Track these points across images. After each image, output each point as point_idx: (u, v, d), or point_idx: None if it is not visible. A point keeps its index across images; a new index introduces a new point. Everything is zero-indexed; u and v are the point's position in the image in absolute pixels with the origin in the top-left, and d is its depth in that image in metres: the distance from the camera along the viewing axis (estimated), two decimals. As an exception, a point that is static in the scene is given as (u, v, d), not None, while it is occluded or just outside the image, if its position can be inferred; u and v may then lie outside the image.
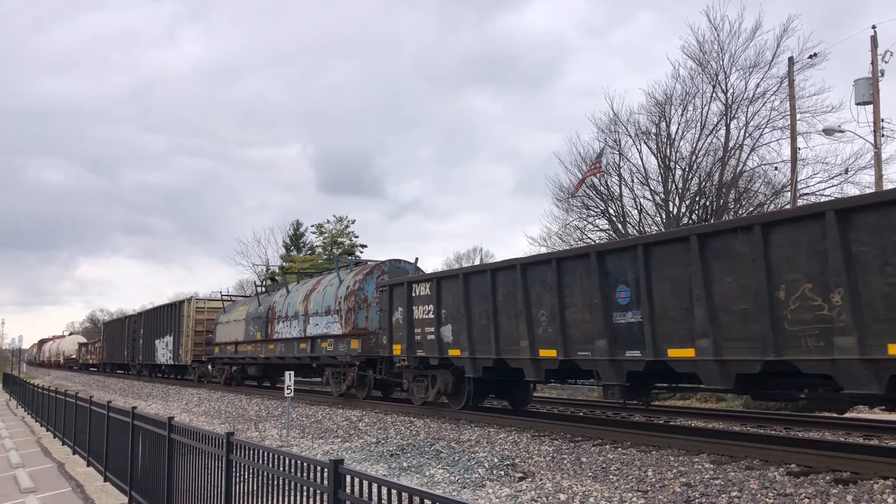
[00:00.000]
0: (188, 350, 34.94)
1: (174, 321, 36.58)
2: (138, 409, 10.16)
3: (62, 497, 10.47)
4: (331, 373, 22.31)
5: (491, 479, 9.58)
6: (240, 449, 6.17)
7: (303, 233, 61.74)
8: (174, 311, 37.00)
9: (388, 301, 17.85)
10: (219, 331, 32.33)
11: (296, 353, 24.20)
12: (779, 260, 9.17)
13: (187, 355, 34.94)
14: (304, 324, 23.68)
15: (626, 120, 32.77)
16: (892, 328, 8.01)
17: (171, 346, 36.91)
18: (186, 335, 35.12)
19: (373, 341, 19.75)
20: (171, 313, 37.40)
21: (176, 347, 36.18)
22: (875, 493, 7.77)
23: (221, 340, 31.59)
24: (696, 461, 9.91)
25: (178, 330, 35.87)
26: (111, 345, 55.09)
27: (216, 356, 32.34)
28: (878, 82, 24.05)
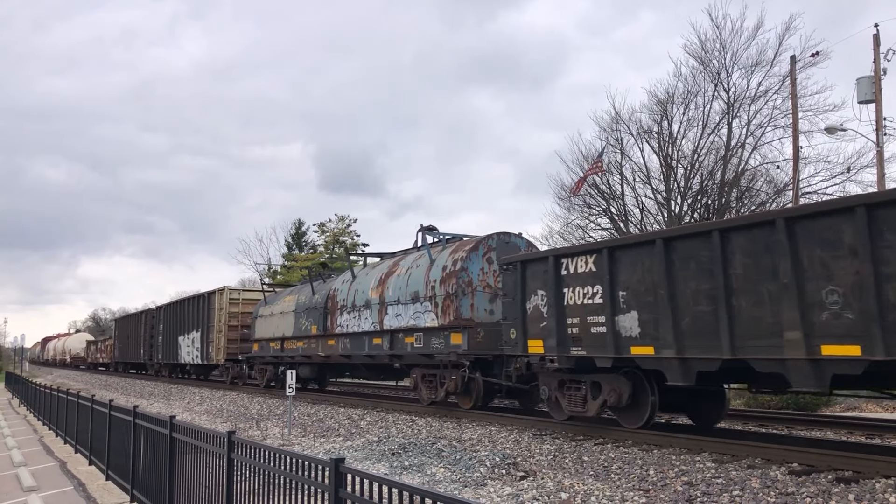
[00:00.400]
0: (220, 348, 30.32)
1: (202, 315, 32.28)
2: (140, 408, 10.17)
3: (64, 495, 10.49)
4: (420, 375, 18.04)
5: (492, 477, 9.58)
6: (241, 448, 6.17)
7: (305, 231, 61.78)
8: (202, 303, 32.51)
9: (519, 283, 13.63)
10: (258, 325, 27.56)
11: (367, 351, 19.88)
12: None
13: (219, 354, 30.34)
14: (380, 314, 19.22)
15: (628, 118, 32.76)
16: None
17: (199, 343, 32.63)
18: (218, 331, 30.53)
19: (480, 335, 15.97)
20: (199, 306, 32.93)
21: (204, 345, 31.84)
22: (877, 491, 7.76)
23: (262, 336, 26.97)
24: (698, 460, 9.90)
25: (206, 325, 31.58)
26: (124, 342, 50.91)
27: (255, 354, 27.81)
28: (880, 81, 24.01)
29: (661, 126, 31.98)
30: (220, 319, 30.58)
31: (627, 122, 32.70)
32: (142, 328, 44.37)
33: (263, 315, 27.37)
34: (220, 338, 30.49)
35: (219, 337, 30.52)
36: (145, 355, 43.43)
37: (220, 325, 30.52)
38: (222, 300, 30.77)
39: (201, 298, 32.96)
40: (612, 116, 33.20)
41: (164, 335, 39.02)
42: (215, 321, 30.62)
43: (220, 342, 30.46)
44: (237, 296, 31.49)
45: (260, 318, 27.67)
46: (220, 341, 30.47)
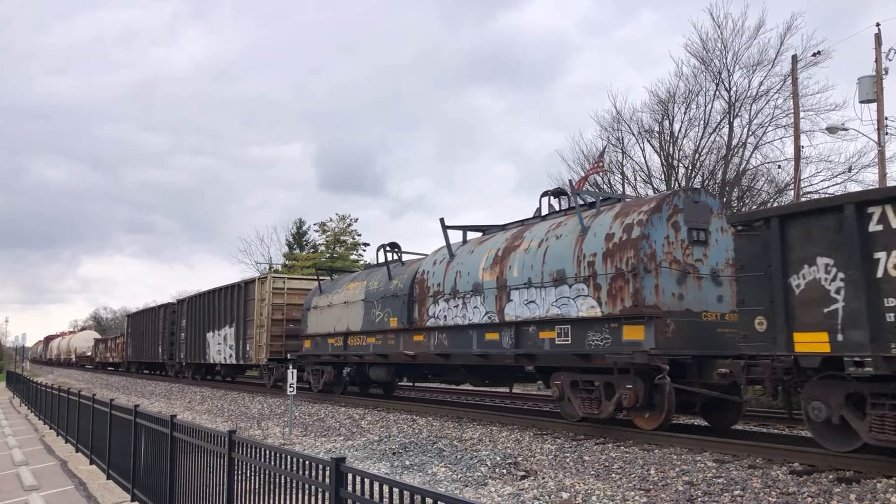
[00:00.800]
0: (262, 345, 25.75)
1: (237, 307, 28.04)
2: (141, 407, 10.17)
3: (65, 495, 10.49)
4: (569, 382, 13.25)
5: (493, 477, 9.57)
6: (242, 447, 6.17)
7: (305, 231, 61.78)
8: (238, 294, 28.33)
9: (777, 249, 9.61)
10: (313, 318, 23.08)
11: (477, 348, 15.50)
12: None
13: (260, 352, 25.82)
14: (499, 302, 14.87)
15: (629, 118, 32.77)
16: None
17: (233, 340, 28.35)
18: (258, 325, 26.02)
19: (669, 329, 11.79)
20: (234, 297, 28.65)
21: (241, 342, 27.62)
22: (878, 491, 7.75)
23: (317, 331, 22.70)
24: (699, 459, 9.90)
25: (243, 319, 27.45)
26: (139, 340, 46.31)
27: (307, 353, 23.39)
28: (881, 80, 23.98)
29: (662, 125, 32.00)
30: (261, 312, 26.01)
31: (628, 121, 32.73)
32: (160, 324, 40.46)
33: (319, 306, 22.75)
34: (261, 334, 25.90)
35: (260, 333, 25.95)
36: (164, 354, 39.53)
37: (261, 318, 25.99)
38: (264, 290, 26.14)
39: (236, 289, 28.69)
40: (614, 116, 33.24)
41: (187, 332, 34.86)
42: (255, 314, 26.06)
43: (261, 339, 25.86)
44: (282, 284, 26.65)
45: (314, 309, 23.09)
46: (261, 338, 25.87)
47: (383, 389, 23.44)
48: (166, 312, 39.50)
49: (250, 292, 26.99)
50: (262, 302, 26.14)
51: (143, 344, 44.96)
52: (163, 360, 40.04)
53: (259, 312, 26.09)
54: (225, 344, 29.47)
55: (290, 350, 25.08)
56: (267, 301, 26.01)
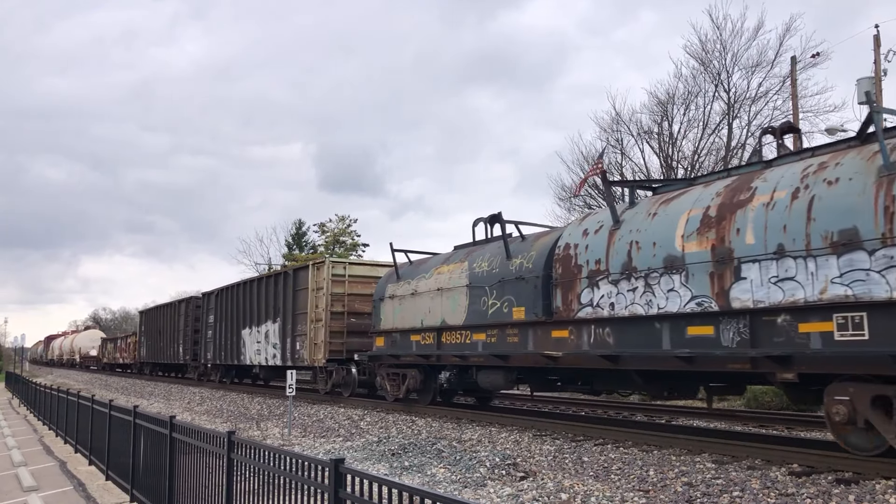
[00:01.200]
0: (318, 343, 21.58)
1: (284, 299, 24.07)
2: (140, 408, 10.17)
3: (64, 495, 10.49)
4: (864, 398, 8.83)
5: (492, 478, 9.58)
6: (241, 448, 6.18)
7: (305, 231, 61.78)
8: (284, 283, 24.26)
9: None
10: (388, 310, 18.77)
11: (676, 348, 10.84)
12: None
13: (317, 352, 21.65)
14: (718, 282, 10.37)
15: (629, 119, 32.77)
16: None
17: (277, 337, 24.42)
18: (314, 320, 21.87)
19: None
20: (278, 288, 24.64)
21: (288, 340, 23.63)
22: (877, 493, 7.75)
23: (396, 326, 18.29)
24: (698, 461, 9.90)
25: (291, 312, 23.53)
26: (154, 339, 42.14)
27: (380, 352, 18.96)
28: (880, 81, 24.01)
29: (661, 127, 32.02)
30: (316, 304, 21.85)
31: (628, 122, 32.72)
32: (181, 321, 36.46)
33: (397, 295, 18.44)
34: (317, 330, 21.70)
35: (316, 329, 21.75)
36: (186, 355, 35.59)
37: (317, 311, 21.77)
38: (321, 277, 21.84)
39: (282, 278, 24.67)
40: (613, 117, 33.22)
41: (216, 329, 30.70)
42: (310, 307, 22.03)
43: (318, 336, 21.65)
44: (342, 271, 22.11)
45: (390, 300, 18.76)
46: (318, 335, 21.66)
47: (476, 398, 19.27)
48: (189, 308, 35.45)
49: (301, 280, 22.99)
50: (317, 292, 21.90)
51: (159, 343, 40.90)
52: (184, 360, 36.12)
53: (314, 304, 21.90)
54: (266, 342, 25.36)
55: (352, 349, 21.09)
56: (325, 291, 21.58)
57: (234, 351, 28.60)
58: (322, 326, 21.51)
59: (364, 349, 20.41)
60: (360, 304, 21.84)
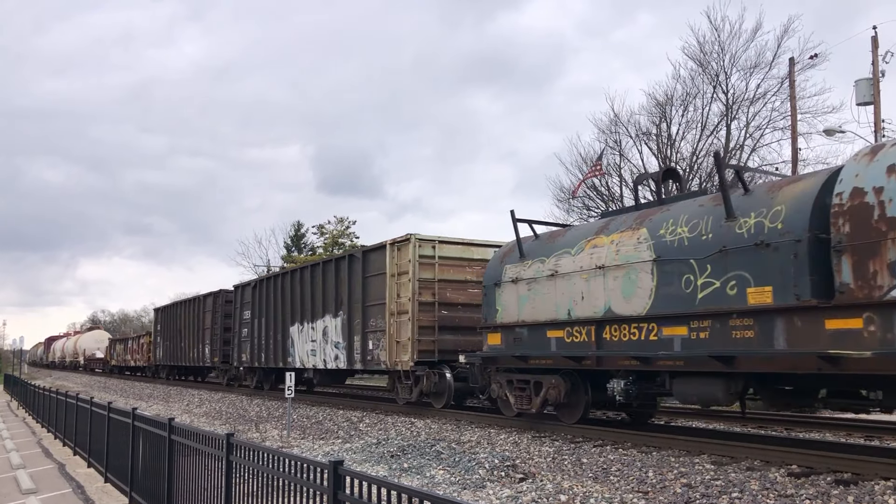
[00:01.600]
0: (403, 342, 17.39)
1: (349, 288, 19.84)
2: (139, 410, 10.17)
3: (63, 498, 10.48)
4: None
5: (491, 479, 9.58)
6: (240, 450, 6.17)
7: (304, 233, 61.79)
8: (349, 269, 19.96)
9: None
10: (508, 298, 14.38)
11: None
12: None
13: (399, 353, 17.53)
14: None
15: (627, 120, 32.81)
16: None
17: (340, 335, 20.23)
18: (394, 313, 17.74)
19: None
20: (341, 275, 20.39)
21: (356, 338, 19.36)
22: (876, 493, 7.76)
23: (522, 319, 13.98)
24: (697, 462, 9.90)
25: (359, 304, 19.23)
26: (173, 339, 37.83)
27: (497, 353, 14.60)
28: (878, 83, 24.06)
29: (659, 128, 32.06)
30: (398, 293, 17.75)
31: (626, 123, 32.76)
32: (207, 318, 32.32)
33: (524, 278, 13.95)
34: (400, 325, 17.56)
35: (398, 324, 17.61)
36: (214, 356, 31.46)
37: (398, 302, 17.67)
38: (404, 259, 17.58)
39: (347, 262, 20.29)
40: (611, 118, 33.26)
41: (254, 326, 26.47)
42: (389, 296, 17.90)
43: (401, 332, 17.51)
44: (431, 251, 17.65)
45: (512, 284, 14.23)
46: (401, 331, 17.52)
47: (629, 413, 14.38)
48: (218, 303, 31.44)
49: (374, 264, 18.86)
50: (399, 278, 17.77)
51: (179, 343, 36.64)
52: (211, 363, 32.04)
53: (394, 293, 17.86)
54: (325, 341, 21.18)
55: (444, 348, 17.14)
56: (410, 276, 17.28)
57: (279, 351, 24.24)
58: (408, 321, 17.28)
59: (461, 348, 16.68)
60: (453, 293, 17.77)
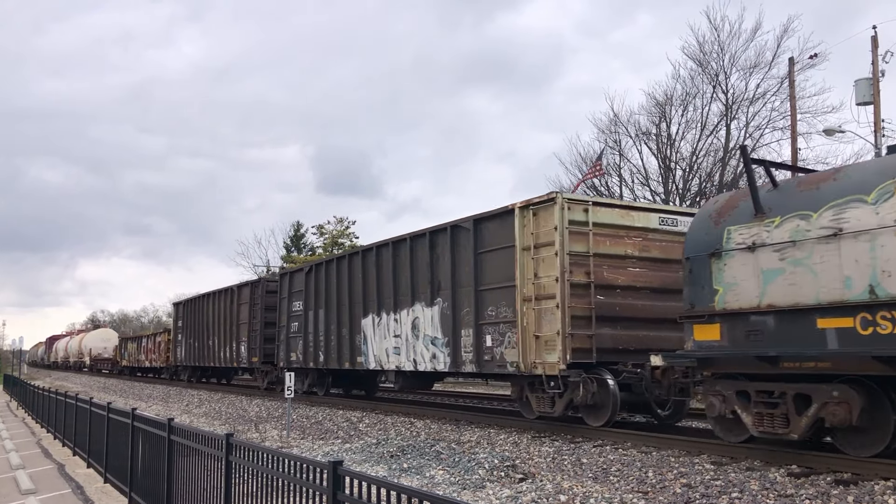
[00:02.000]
0: (549, 338, 12.93)
1: (453, 266, 15.41)
2: (138, 411, 10.16)
3: (62, 498, 10.47)
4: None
5: (491, 480, 9.57)
6: (239, 450, 6.17)
7: (303, 234, 61.81)
8: (454, 242, 15.48)
9: None
10: (737, 272, 9.80)
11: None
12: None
13: (542, 352, 13.09)
14: None
15: (627, 120, 32.89)
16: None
17: (438, 328, 15.79)
18: (530, 299, 13.35)
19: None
20: (439, 250, 16.00)
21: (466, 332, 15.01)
22: (876, 493, 7.75)
23: (770, 303, 9.34)
24: (697, 462, 9.90)
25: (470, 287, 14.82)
26: (197, 337, 33.06)
27: (720, 353, 9.98)
28: (878, 83, 24.07)
29: (659, 128, 32.12)
30: (535, 272, 13.33)
31: (626, 123, 32.82)
32: (242, 312, 27.61)
33: (771, 243, 9.48)
34: (546, 315, 13.08)
35: (541, 313, 13.15)
36: (253, 356, 26.56)
37: (537, 284, 13.26)
38: (547, 224, 13.22)
39: (449, 234, 15.56)
40: (611, 118, 33.36)
41: (308, 320, 21.79)
42: (520, 276, 13.51)
43: (542, 324, 13.12)
44: (581, 216, 13.27)
45: (746, 253, 9.76)
46: (547, 323, 13.03)
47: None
48: (257, 294, 26.63)
49: (493, 236, 14.38)
50: (538, 251, 13.30)
51: (206, 342, 31.83)
52: (249, 363, 27.27)
53: (529, 272, 13.38)
54: (414, 336, 16.54)
55: (604, 346, 12.90)
56: (557, 248, 12.87)
57: (344, 350, 19.59)
58: (554, 308, 12.79)
59: (623, 346, 13.04)
60: (611, 272, 13.32)
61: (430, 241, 16.23)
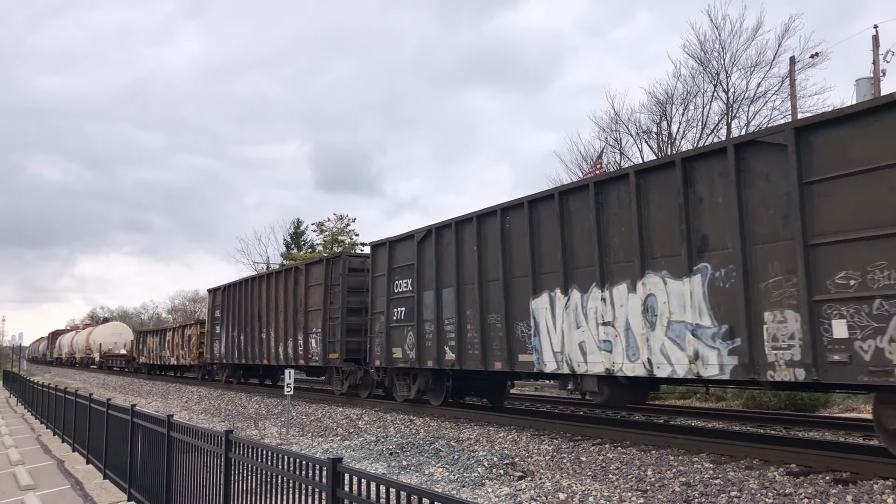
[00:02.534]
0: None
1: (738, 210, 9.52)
2: (138, 407, 10.16)
3: (61, 494, 10.47)
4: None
5: (490, 477, 9.57)
6: (239, 447, 6.16)
7: (303, 231, 61.83)
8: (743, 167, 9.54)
9: None
10: None
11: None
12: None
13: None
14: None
15: (627, 119, 32.81)
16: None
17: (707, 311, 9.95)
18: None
19: None
20: (699, 183, 10.17)
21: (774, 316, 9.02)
22: (875, 493, 7.76)
23: None
24: (696, 461, 9.90)
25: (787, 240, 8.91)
26: (244, 329, 27.22)
27: None
28: (879, 82, 24.04)
29: (660, 126, 32.05)
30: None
31: (626, 122, 32.76)
32: (312, 296, 22.20)
33: None
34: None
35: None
36: (327, 352, 20.96)
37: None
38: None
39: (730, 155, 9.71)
40: (612, 117, 33.27)
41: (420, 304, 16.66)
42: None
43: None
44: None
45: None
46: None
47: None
48: (333, 272, 21.03)
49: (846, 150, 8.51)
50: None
51: (256, 334, 25.92)
52: (326, 362, 21.09)
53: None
54: (648, 324, 10.94)
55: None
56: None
57: (494, 344, 14.23)
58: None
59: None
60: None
61: (683, 175, 10.46)
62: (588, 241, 12.06)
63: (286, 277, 24.10)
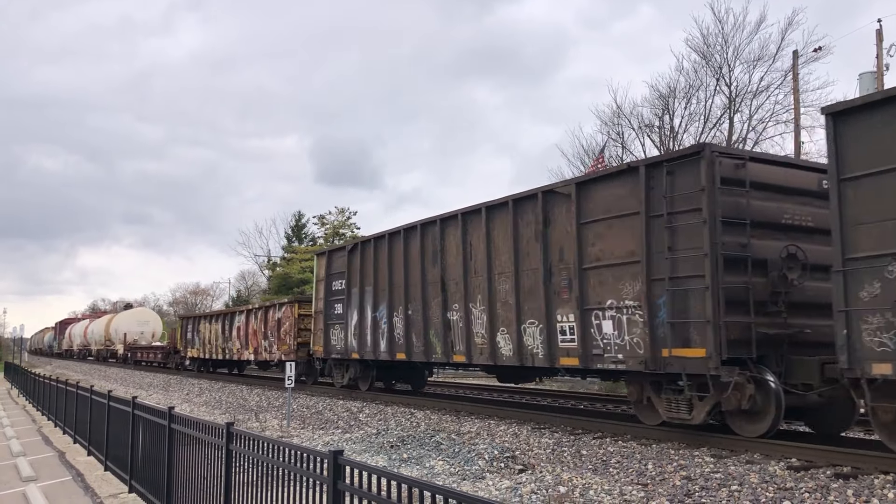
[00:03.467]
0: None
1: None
2: (139, 399, 10.17)
3: (62, 486, 10.49)
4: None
5: (491, 471, 9.58)
6: (239, 439, 6.17)
7: (304, 224, 61.86)
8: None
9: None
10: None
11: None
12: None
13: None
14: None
15: (630, 112, 32.75)
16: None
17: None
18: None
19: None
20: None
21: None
22: (875, 487, 7.76)
23: None
24: (697, 455, 9.90)
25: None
26: (410, 307, 16.85)
27: None
28: (882, 76, 23.95)
29: (662, 120, 32.01)
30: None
31: (629, 115, 32.70)
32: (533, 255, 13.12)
33: None
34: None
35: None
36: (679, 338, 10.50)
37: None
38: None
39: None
40: (614, 110, 33.22)
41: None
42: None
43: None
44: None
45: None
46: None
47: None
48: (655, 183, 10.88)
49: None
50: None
51: (424, 313, 16.40)
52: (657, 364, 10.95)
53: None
54: None
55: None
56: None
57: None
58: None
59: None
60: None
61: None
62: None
63: (511, 211, 13.84)
